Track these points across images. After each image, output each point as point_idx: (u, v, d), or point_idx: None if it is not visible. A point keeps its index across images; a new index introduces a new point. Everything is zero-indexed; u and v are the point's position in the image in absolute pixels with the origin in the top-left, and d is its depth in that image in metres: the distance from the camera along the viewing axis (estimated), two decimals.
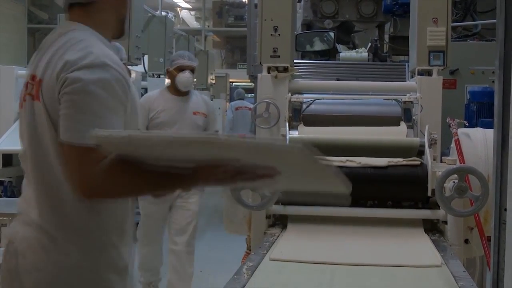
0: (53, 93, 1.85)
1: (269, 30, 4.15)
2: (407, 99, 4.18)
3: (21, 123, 2.02)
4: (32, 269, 1.87)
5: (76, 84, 1.81)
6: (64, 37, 1.95)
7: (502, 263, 2.36)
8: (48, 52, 1.94)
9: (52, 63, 1.89)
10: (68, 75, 1.82)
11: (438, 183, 3.29)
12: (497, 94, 2.40)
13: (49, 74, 1.88)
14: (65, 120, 1.81)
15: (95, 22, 2.01)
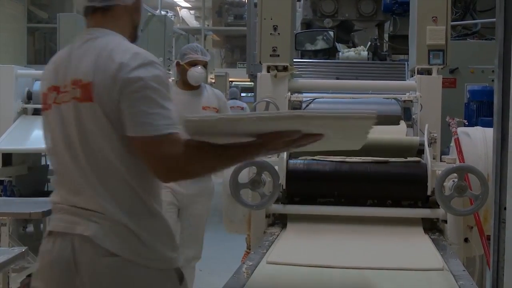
0: (110, 93, 1.99)
1: (269, 29, 4.15)
2: (406, 98, 4.18)
3: (49, 123, 2.15)
4: (108, 255, 2.00)
5: (138, 83, 1.99)
6: (97, 42, 2.10)
7: (502, 262, 2.36)
8: (85, 57, 2.08)
9: (101, 66, 2.03)
10: (127, 76, 1.99)
11: (438, 182, 3.29)
12: (497, 93, 2.40)
13: (101, 76, 2.01)
14: (135, 116, 1.97)
15: (115, 27, 2.17)
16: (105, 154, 2.03)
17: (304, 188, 3.61)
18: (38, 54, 12.34)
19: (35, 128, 6.84)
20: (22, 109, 6.92)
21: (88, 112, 2.03)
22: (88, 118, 2.03)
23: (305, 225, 3.49)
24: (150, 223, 2.07)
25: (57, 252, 2.11)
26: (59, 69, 2.13)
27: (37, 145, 6.68)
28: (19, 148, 6.55)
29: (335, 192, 3.62)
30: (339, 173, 3.61)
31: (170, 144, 1.95)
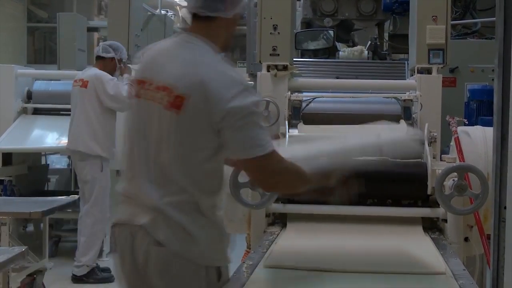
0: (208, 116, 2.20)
1: (269, 28, 4.15)
2: (406, 97, 4.17)
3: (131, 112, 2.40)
4: (157, 244, 2.25)
5: (241, 113, 2.20)
6: (187, 50, 2.30)
7: (502, 261, 2.36)
8: (173, 62, 2.28)
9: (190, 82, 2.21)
10: (229, 106, 2.18)
11: (438, 181, 3.29)
12: (497, 92, 2.39)
13: (197, 98, 2.20)
14: (242, 141, 2.23)
15: (211, 36, 2.34)
16: (174, 160, 2.25)
17: None
18: (38, 53, 12.32)
19: (35, 127, 6.84)
20: (22, 108, 6.92)
21: (172, 120, 2.23)
22: (170, 125, 2.23)
23: (305, 224, 3.49)
24: (203, 223, 2.29)
25: (121, 239, 2.38)
26: (148, 65, 2.36)
27: (37, 145, 6.69)
28: (19, 148, 6.55)
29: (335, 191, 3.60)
30: None
31: (276, 160, 2.27)
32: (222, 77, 2.23)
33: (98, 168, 5.74)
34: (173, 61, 2.30)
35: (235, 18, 2.40)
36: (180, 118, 2.22)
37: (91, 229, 5.79)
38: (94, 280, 5.78)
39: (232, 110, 2.18)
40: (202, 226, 2.29)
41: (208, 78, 2.20)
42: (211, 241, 2.32)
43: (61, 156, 8.15)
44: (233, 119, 2.19)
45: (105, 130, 5.76)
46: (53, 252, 6.50)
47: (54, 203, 4.90)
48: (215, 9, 2.31)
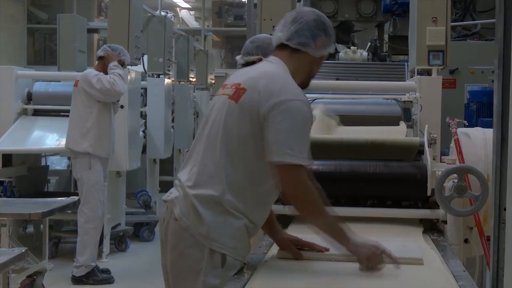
0: (257, 108, 2.44)
1: (269, 29, 4.16)
2: (406, 98, 4.18)
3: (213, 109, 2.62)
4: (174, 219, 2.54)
5: (286, 110, 2.40)
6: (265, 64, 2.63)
7: (502, 263, 2.36)
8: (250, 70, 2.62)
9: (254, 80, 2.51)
10: (277, 100, 2.41)
11: (438, 182, 3.29)
12: (497, 93, 2.39)
13: (253, 91, 2.47)
14: (277, 140, 2.41)
15: (294, 65, 2.57)
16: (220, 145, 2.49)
17: None
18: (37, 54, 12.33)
19: (35, 128, 6.84)
20: (22, 109, 6.92)
21: (230, 108, 2.49)
22: (228, 112, 2.50)
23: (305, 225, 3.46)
24: (218, 210, 2.47)
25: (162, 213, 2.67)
26: (235, 75, 2.67)
27: (37, 146, 6.69)
28: (19, 149, 6.55)
29: (335, 192, 3.61)
30: (339, 174, 3.61)
31: (304, 175, 2.40)
32: (282, 83, 2.46)
33: (87, 165, 5.76)
34: (250, 70, 2.63)
35: (320, 59, 2.62)
36: (237, 109, 2.47)
37: (84, 228, 5.80)
38: (93, 281, 5.77)
39: (278, 103, 2.39)
40: (215, 212, 2.47)
41: (269, 80, 2.47)
42: (219, 227, 2.48)
43: (61, 157, 8.16)
44: (276, 111, 2.39)
45: (96, 127, 5.77)
46: (53, 253, 6.50)
47: (54, 204, 4.89)
48: (306, 46, 2.55)
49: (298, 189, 2.44)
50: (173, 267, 2.59)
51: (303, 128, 2.43)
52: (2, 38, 10.93)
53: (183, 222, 2.51)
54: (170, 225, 2.57)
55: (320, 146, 3.73)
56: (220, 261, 2.48)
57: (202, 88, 11.50)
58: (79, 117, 5.80)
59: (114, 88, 5.71)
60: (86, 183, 5.77)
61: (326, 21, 2.63)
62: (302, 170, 2.40)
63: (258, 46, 3.91)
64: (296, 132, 2.40)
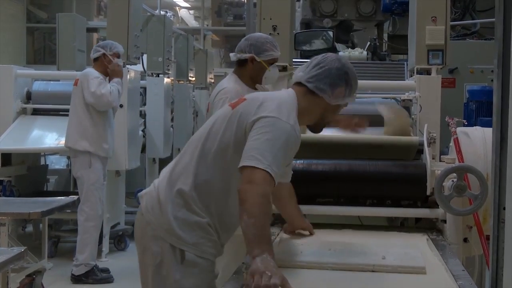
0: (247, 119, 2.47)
1: (268, 29, 4.15)
2: (406, 98, 4.18)
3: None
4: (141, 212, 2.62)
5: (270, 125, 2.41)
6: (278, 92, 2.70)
7: (501, 262, 2.36)
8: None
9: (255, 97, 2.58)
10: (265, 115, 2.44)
11: (437, 182, 3.29)
12: (496, 92, 2.39)
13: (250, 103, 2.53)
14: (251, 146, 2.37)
15: (305, 106, 2.58)
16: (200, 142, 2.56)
17: (303, 188, 3.61)
18: (37, 54, 12.32)
19: (34, 128, 6.84)
20: (21, 109, 6.92)
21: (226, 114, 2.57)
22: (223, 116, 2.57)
23: None
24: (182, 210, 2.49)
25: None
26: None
27: (36, 145, 6.68)
28: (18, 148, 6.55)
29: (335, 192, 3.61)
30: (339, 173, 3.61)
31: (264, 182, 2.29)
32: (279, 104, 2.47)
33: (87, 164, 5.77)
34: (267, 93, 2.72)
35: (336, 108, 2.63)
36: (231, 113, 2.53)
37: (83, 226, 5.80)
38: (93, 281, 5.78)
39: (266, 117, 2.41)
40: (177, 206, 2.50)
41: (270, 99, 2.51)
42: (181, 222, 2.49)
43: (61, 156, 8.15)
44: (261, 123, 2.40)
45: (95, 126, 5.78)
46: (52, 252, 6.50)
47: (53, 203, 4.89)
48: (321, 91, 2.57)
49: (253, 189, 2.27)
50: (139, 262, 2.64)
51: (282, 145, 2.37)
52: (1, 38, 10.93)
53: (147, 216, 2.56)
54: (137, 219, 2.64)
55: (320, 145, 3.73)
56: (179, 257, 2.49)
57: (202, 88, 11.50)
58: (79, 116, 5.81)
59: (108, 98, 5.71)
60: (86, 182, 5.77)
61: (350, 72, 2.62)
62: (266, 177, 2.29)
63: (252, 44, 3.89)
64: (274, 145, 2.35)
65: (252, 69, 3.86)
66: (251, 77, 3.90)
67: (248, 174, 2.30)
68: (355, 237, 3.31)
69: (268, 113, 2.42)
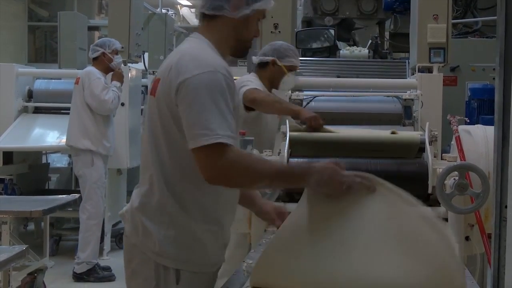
0: (169, 94, 2.15)
1: (270, 27, 4.16)
2: (407, 96, 4.17)
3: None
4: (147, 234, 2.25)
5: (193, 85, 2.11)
6: (183, 44, 2.34)
7: (503, 261, 2.35)
8: (170, 57, 2.29)
9: (164, 67, 2.23)
10: (182, 78, 2.12)
11: (439, 180, 3.29)
12: (498, 91, 2.39)
13: (165, 79, 2.18)
14: (189, 122, 2.10)
15: (215, 35, 2.29)
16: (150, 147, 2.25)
17: None
18: (38, 52, 12.30)
19: (35, 126, 6.84)
20: (22, 107, 6.93)
21: (152, 105, 2.24)
22: (151, 111, 2.25)
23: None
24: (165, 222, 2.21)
25: None
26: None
27: (38, 143, 6.69)
28: (20, 147, 6.56)
29: None
30: None
31: (224, 152, 2.04)
32: (192, 59, 2.16)
33: (89, 163, 5.78)
34: (170, 55, 2.32)
35: (246, 20, 2.28)
36: (155, 102, 2.22)
37: (86, 224, 5.81)
38: (94, 279, 5.79)
39: (184, 82, 2.10)
40: (160, 223, 2.22)
41: (178, 61, 2.17)
42: (168, 240, 2.21)
43: (62, 154, 8.16)
44: (183, 93, 2.10)
45: (97, 125, 5.79)
46: (53, 250, 6.51)
47: (55, 202, 4.90)
48: (219, 8, 2.25)
49: (225, 171, 2.07)
50: (127, 285, 2.37)
51: (217, 100, 2.08)
52: (2, 36, 10.93)
53: (132, 239, 2.30)
54: (124, 242, 2.38)
55: (321, 143, 3.72)
56: (173, 277, 2.22)
57: None
58: (80, 114, 5.81)
59: (109, 105, 5.73)
60: (89, 180, 5.78)
61: None
62: (225, 149, 2.05)
63: (275, 49, 4.04)
64: (208, 108, 2.06)
65: (272, 72, 4.08)
66: (270, 80, 4.12)
67: (203, 157, 2.06)
68: None
69: (184, 76, 2.11)
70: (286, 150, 3.56)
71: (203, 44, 2.26)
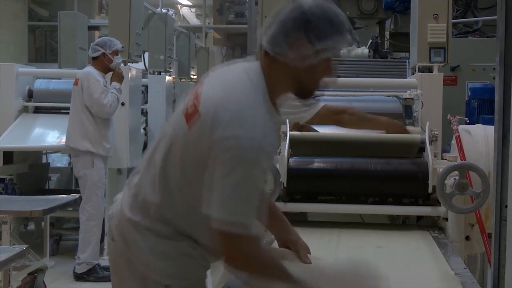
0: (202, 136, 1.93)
1: None
2: (407, 96, 4.17)
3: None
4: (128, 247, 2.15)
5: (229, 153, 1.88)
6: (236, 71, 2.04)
7: (503, 260, 2.36)
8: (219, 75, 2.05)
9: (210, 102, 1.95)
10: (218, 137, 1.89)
11: (439, 180, 3.29)
12: (498, 90, 2.39)
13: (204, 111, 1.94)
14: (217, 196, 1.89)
15: (271, 75, 2.00)
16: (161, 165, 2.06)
17: (305, 186, 3.61)
18: (39, 52, 12.32)
19: (36, 126, 6.84)
20: (23, 107, 6.93)
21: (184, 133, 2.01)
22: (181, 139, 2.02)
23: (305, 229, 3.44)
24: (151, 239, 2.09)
25: None
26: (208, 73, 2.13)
27: (38, 143, 6.69)
28: (20, 146, 6.55)
29: (336, 190, 3.61)
30: (340, 171, 3.61)
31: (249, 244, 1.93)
32: (238, 117, 1.89)
33: (89, 164, 5.77)
34: (217, 77, 2.07)
35: (313, 66, 1.98)
36: (188, 133, 1.99)
37: (86, 225, 5.81)
38: (94, 279, 5.78)
39: (221, 142, 1.87)
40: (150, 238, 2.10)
41: (221, 103, 1.92)
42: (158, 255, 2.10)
43: (62, 154, 8.16)
44: (218, 155, 1.88)
45: (96, 126, 5.79)
46: (54, 250, 6.50)
47: (55, 201, 4.90)
48: (281, 55, 1.97)
49: (241, 263, 1.96)
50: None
51: (252, 186, 1.90)
52: (3, 36, 10.93)
53: (119, 246, 2.17)
54: (109, 246, 2.26)
55: (321, 143, 3.73)
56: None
57: None
58: (79, 115, 5.81)
59: (108, 109, 5.73)
60: (89, 181, 5.78)
61: (313, 20, 1.96)
62: (247, 240, 1.92)
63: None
64: (241, 191, 1.88)
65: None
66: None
67: (223, 239, 1.92)
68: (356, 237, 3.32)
69: (223, 133, 1.88)
70: (287, 150, 3.56)
71: (256, 91, 1.97)
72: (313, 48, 1.95)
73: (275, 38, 1.96)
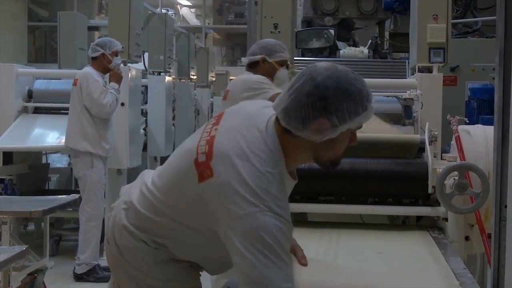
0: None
1: (269, 27, 4.15)
2: (407, 96, 4.17)
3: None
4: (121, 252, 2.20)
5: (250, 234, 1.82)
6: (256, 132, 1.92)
7: (503, 260, 2.36)
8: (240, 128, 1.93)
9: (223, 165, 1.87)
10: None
11: (439, 180, 3.29)
12: (497, 90, 2.39)
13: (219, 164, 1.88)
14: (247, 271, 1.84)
15: (287, 145, 1.92)
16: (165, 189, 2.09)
17: (305, 187, 3.60)
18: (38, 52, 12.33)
19: (35, 126, 6.84)
20: (22, 107, 6.93)
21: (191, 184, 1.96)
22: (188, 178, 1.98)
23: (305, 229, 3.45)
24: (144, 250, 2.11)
25: None
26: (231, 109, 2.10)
27: (37, 144, 6.69)
28: (19, 147, 6.55)
29: (336, 190, 3.61)
30: (340, 172, 3.59)
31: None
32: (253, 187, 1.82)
33: (89, 164, 5.77)
34: (235, 127, 1.95)
35: (332, 141, 1.90)
36: (197, 188, 1.93)
37: (85, 226, 5.81)
38: (94, 279, 5.78)
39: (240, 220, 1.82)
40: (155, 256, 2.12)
41: (239, 171, 1.84)
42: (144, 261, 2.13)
43: (62, 155, 8.16)
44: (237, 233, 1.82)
45: (96, 126, 5.78)
46: (54, 251, 6.50)
47: (55, 202, 4.89)
48: (297, 130, 1.88)
49: None
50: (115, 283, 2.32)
51: (278, 252, 1.80)
52: (2, 36, 10.94)
53: (113, 251, 2.21)
54: (106, 247, 2.28)
55: None
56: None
57: (203, 86, 11.50)
58: (79, 116, 5.80)
59: (107, 109, 5.72)
60: (89, 182, 5.78)
61: (332, 92, 1.84)
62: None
63: (262, 47, 3.99)
64: (268, 260, 1.79)
65: (263, 70, 3.96)
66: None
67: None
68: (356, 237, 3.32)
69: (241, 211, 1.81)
70: None
71: (274, 164, 1.88)
72: (332, 126, 1.86)
73: (289, 112, 1.88)
